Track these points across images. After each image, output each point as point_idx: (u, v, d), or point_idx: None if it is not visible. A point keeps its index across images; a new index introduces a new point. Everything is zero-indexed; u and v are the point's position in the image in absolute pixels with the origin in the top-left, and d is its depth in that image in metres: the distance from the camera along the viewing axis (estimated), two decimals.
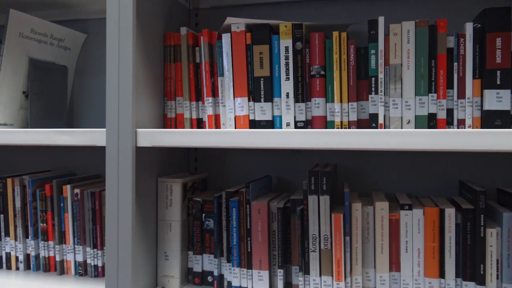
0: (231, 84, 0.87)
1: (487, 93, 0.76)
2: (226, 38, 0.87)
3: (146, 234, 0.90)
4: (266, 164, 1.07)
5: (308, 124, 0.85)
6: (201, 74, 0.92)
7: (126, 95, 0.83)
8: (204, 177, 1.06)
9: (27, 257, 1.05)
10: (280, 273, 0.86)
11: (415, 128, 0.80)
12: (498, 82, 0.75)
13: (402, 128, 0.80)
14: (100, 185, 1.07)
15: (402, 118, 0.80)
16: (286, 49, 0.84)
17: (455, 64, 0.78)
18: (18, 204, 1.04)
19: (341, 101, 0.83)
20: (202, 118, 0.93)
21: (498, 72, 0.75)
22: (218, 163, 1.10)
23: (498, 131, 0.66)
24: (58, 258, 1.02)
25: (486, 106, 0.76)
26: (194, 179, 1.00)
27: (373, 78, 0.81)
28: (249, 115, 0.86)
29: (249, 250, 0.87)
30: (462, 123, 0.79)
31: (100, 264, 1.00)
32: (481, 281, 0.78)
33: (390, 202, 0.91)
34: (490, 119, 0.76)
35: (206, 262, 0.94)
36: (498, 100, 0.75)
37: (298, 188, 1.05)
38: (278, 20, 1.06)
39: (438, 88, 0.79)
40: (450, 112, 0.79)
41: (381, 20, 0.80)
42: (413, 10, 0.98)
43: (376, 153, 1.00)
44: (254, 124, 0.86)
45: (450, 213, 0.79)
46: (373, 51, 0.80)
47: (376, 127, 0.81)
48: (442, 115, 0.79)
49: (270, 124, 0.85)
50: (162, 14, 0.96)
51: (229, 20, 0.85)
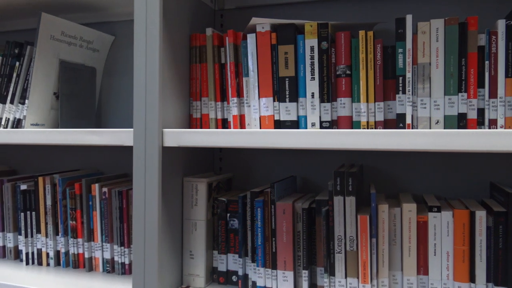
0: (256, 84, 0.87)
1: None
2: (251, 39, 0.87)
3: (172, 233, 0.91)
4: (291, 164, 1.07)
5: (333, 124, 0.84)
6: (226, 74, 0.92)
7: (153, 96, 0.84)
8: (229, 177, 1.07)
9: (57, 253, 1.08)
10: (305, 274, 0.85)
11: (444, 128, 0.78)
12: None
13: (430, 128, 0.78)
14: (127, 184, 1.09)
15: (430, 118, 0.78)
16: (312, 48, 0.83)
17: (487, 62, 0.76)
18: (49, 202, 1.07)
19: (367, 101, 0.82)
20: (227, 119, 0.93)
21: None
22: (243, 163, 1.11)
23: None
24: (87, 255, 1.04)
25: None
26: (219, 179, 1.01)
27: (400, 78, 0.79)
28: (274, 115, 0.86)
29: (273, 251, 0.87)
30: (493, 123, 0.76)
31: (127, 261, 1.02)
32: None
33: (417, 204, 0.89)
34: None
35: (230, 262, 0.94)
36: None
37: (323, 189, 1.04)
38: (303, 19, 1.05)
39: (468, 87, 0.77)
40: (481, 112, 0.77)
41: (409, 18, 0.78)
42: (441, 7, 0.96)
43: (403, 153, 0.99)
44: (279, 124, 0.86)
45: (481, 215, 0.77)
46: (400, 50, 0.79)
47: (403, 128, 0.79)
48: (472, 115, 0.77)
49: (295, 124, 0.85)
50: (188, 16, 0.97)
51: (254, 20, 0.85)
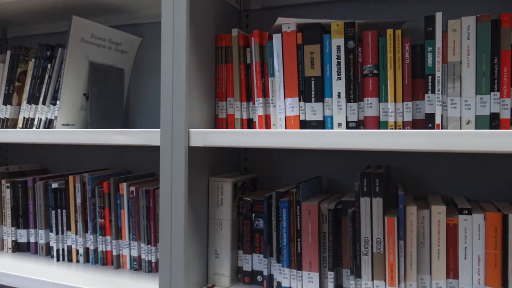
0: (282, 84, 0.87)
1: None
2: (276, 39, 0.87)
3: (198, 232, 0.92)
4: (316, 164, 1.06)
5: (360, 124, 0.83)
6: (251, 74, 0.92)
7: (179, 97, 0.85)
8: (254, 177, 1.07)
9: (87, 250, 1.11)
10: (330, 275, 0.85)
11: (476, 128, 0.76)
12: None
13: (461, 128, 0.76)
14: (154, 183, 1.11)
15: (461, 118, 0.76)
16: (338, 48, 0.83)
17: None
18: (78, 200, 1.10)
19: (395, 100, 0.80)
20: (252, 119, 0.94)
21: None
22: (268, 163, 1.11)
23: None
24: (114, 253, 1.06)
25: None
26: (244, 179, 1.01)
27: (429, 77, 0.78)
28: (299, 116, 0.86)
29: (299, 251, 0.87)
30: None
31: (153, 260, 1.03)
32: None
33: (447, 206, 0.87)
34: None
35: (255, 262, 0.94)
36: None
37: (349, 190, 1.03)
38: (329, 19, 1.04)
39: (501, 86, 0.74)
40: None
41: (438, 15, 0.76)
42: (472, 5, 0.93)
43: (432, 154, 0.96)
44: (304, 124, 0.86)
45: None
46: (429, 49, 0.77)
47: (432, 128, 0.78)
48: (505, 115, 0.75)
49: (321, 124, 0.84)
50: (214, 16, 0.97)
51: (280, 20, 0.85)
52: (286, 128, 0.87)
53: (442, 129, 0.77)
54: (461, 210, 0.78)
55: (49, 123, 1.10)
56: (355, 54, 0.82)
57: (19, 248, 1.20)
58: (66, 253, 1.12)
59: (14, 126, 1.19)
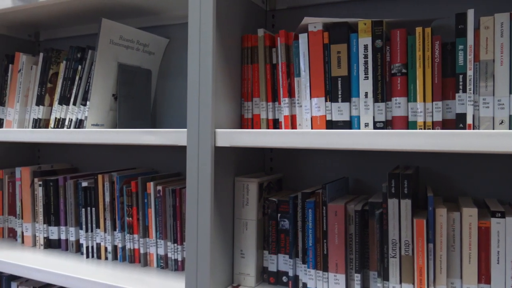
0: (308, 84, 0.86)
1: None
2: (303, 39, 0.86)
3: (223, 232, 0.92)
4: (343, 165, 1.05)
5: (387, 124, 0.82)
6: (277, 75, 0.92)
7: (206, 97, 0.86)
8: (279, 177, 1.07)
9: (115, 248, 1.13)
10: (357, 277, 0.84)
11: (510, 129, 0.73)
12: None
13: (494, 129, 0.74)
14: (180, 183, 1.12)
15: (494, 118, 0.74)
16: (365, 47, 0.81)
17: None
18: (107, 199, 1.13)
19: (424, 100, 0.78)
20: (278, 119, 0.93)
21: None
22: (294, 164, 1.10)
23: None
24: (142, 251, 1.08)
25: None
26: (270, 179, 1.01)
27: (460, 76, 0.76)
28: (326, 116, 0.85)
29: (325, 252, 0.86)
30: None
31: (179, 258, 1.04)
32: None
33: (479, 209, 0.85)
34: None
35: (281, 262, 0.94)
36: None
37: (377, 191, 1.02)
38: (356, 18, 1.03)
39: None
40: None
41: (470, 12, 0.74)
42: (505, 1, 0.90)
43: (463, 155, 0.94)
44: (331, 124, 0.85)
45: None
46: (461, 47, 0.75)
47: (464, 128, 0.76)
48: None
49: (347, 124, 0.83)
50: (240, 17, 0.98)
51: (306, 20, 0.84)
52: (312, 128, 0.86)
53: (473, 129, 0.75)
54: (493, 213, 0.76)
55: (79, 123, 1.13)
56: (383, 53, 0.81)
57: (51, 244, 1.23)
58: (95, 250, 1.15)
59: (46, 126, 1.22)
